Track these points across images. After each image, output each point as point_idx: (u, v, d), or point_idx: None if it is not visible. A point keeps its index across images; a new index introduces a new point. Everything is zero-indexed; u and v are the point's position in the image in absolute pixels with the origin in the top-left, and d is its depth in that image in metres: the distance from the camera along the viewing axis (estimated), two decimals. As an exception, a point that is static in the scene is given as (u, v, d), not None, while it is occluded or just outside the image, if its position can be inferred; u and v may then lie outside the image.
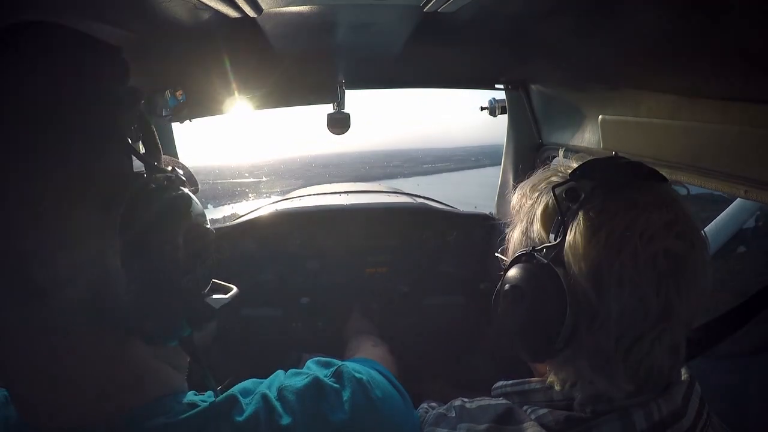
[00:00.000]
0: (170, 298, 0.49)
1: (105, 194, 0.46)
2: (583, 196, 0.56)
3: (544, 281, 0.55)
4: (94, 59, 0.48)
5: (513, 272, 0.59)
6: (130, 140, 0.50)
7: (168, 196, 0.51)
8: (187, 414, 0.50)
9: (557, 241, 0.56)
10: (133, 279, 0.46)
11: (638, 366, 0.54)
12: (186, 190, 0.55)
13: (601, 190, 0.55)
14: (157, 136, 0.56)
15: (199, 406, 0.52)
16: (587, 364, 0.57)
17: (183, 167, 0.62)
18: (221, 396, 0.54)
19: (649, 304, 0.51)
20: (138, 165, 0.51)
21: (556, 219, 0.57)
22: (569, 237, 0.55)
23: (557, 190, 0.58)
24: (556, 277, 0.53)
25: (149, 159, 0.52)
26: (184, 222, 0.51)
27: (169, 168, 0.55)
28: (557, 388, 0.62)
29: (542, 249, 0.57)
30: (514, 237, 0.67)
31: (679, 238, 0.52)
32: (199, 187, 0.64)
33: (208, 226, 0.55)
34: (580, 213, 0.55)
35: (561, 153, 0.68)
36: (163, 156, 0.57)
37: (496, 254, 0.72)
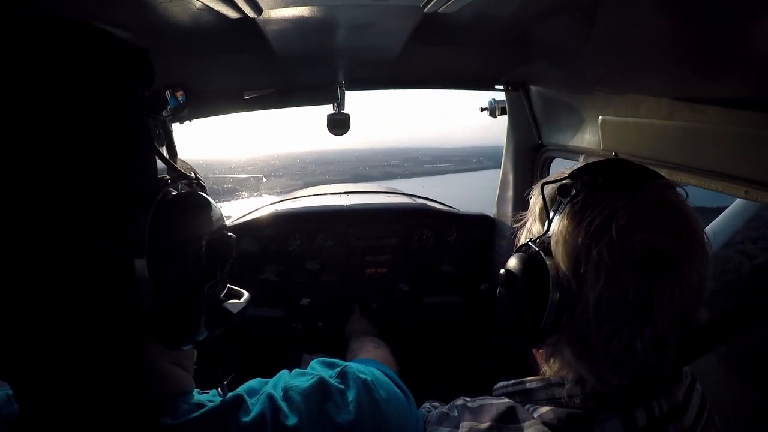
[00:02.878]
0: (193, 304, 0.49)
1: (132, 199, 0.45)
2: (573, 191, 0.59)
3: (532, 267, 0.59)
4: (124, 63, 0.47)
5: (510, 261, 0.64)
6: (156, 145, 0.49)
7: (193, 202, 0.51)
8: (195, 414, 0.50)
9: (546, 232, 0.60)
10: (158, 285, 0.45)
11: (620, 358, 0.54)
12: (206, 196, 0.54)
13: (591, 187, 0.58)
14: (174, 141, 0.56)
15: (206, 406, 0.52)
16: (571, 352, 0.59)
17: (195, 171, 0.62)
18: (227, 396, 0.54)
19: (626, 296, 0.52)
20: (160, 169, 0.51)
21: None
22: (555, 228, 0.59)
23: (549, 187, 0.63)
24: (543, 264, 0.57)
25: (173, 164, 0.51)
26: (208, 229, 0.51)
27: (192, 174, 0.54)
28: (549, 373, 0.63)
29: (536, 240, 0.61)
30: (522, 233, 0.71)
31: (664, 234, 0.53)
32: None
33: (230, 234, 0.54)
34: (568, 206, 0.58)
35: (581, 159, 0.70)
36: (178, 159, 0.57)
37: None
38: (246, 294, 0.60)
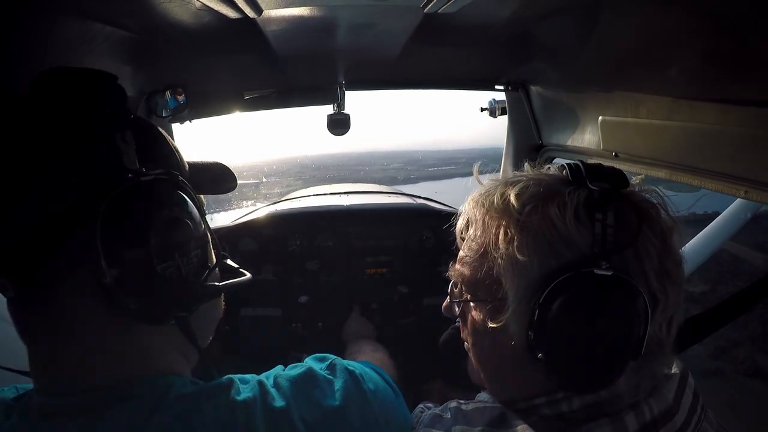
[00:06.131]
0: (150, 283, 0.52)
1: (89, 192, 0.50)
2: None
3: None
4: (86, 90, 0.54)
5: None
6: (123, 150, 0.53)
7: (143, 195, 0.54)
8: (187, 390, 0.53)
9: None
10: (114, 265, 0.50)
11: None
12: (178, 192, 0.58)
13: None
14: (169, 142, 0.63)
15: (200, 384, 0.55)
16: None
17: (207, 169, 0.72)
18: (220, 378, 0.57)
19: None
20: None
21: None
22: None
23: None
24: None
25: (136, 165, 0.54)
26: (158, 216, 0.54)
27: (157, 171, 0.56)
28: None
29: None
30: None
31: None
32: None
33: (189, 221, 0.57)
34: None
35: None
36: (187, 161, 0.67)
37: None
38: (246, 276, 0.67)
